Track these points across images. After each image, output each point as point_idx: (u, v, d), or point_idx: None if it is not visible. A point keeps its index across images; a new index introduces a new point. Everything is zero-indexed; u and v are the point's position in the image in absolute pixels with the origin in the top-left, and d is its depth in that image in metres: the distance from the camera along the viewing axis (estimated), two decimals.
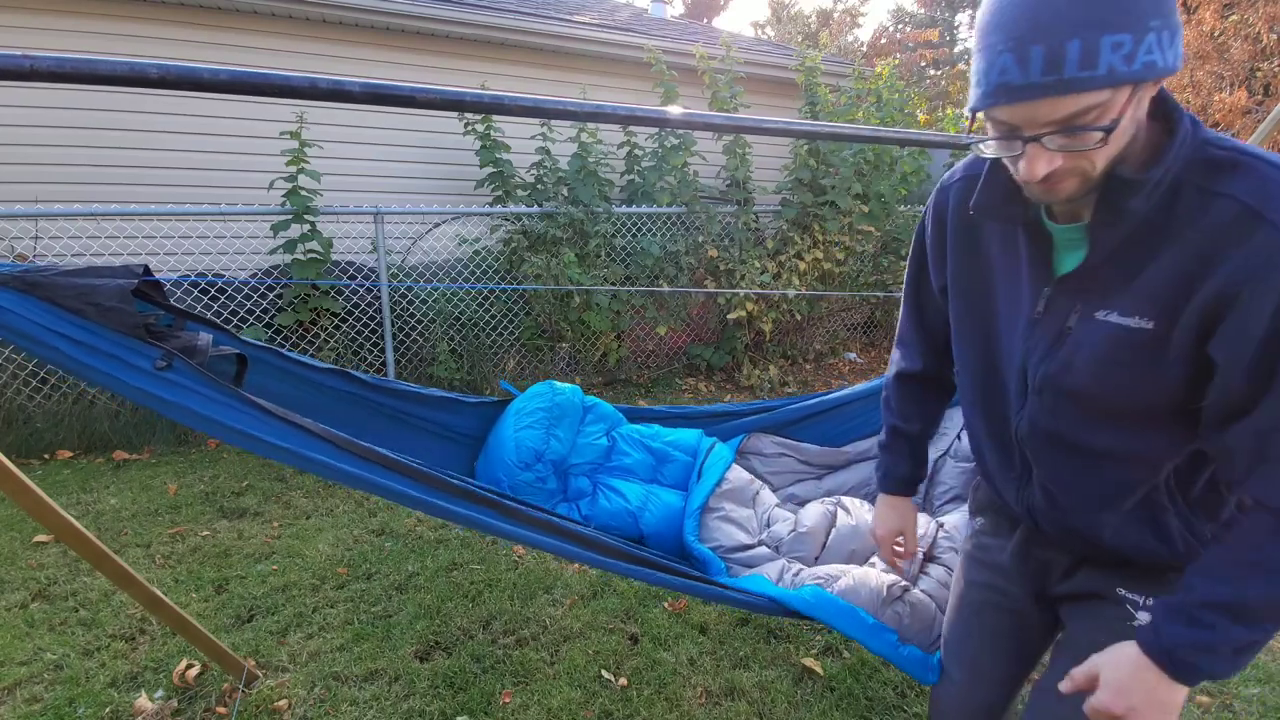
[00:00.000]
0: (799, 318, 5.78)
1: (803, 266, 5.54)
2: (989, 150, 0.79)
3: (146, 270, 1.26)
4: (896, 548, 1.32)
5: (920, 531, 1.76)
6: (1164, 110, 0.77)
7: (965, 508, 1.94)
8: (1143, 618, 0.97)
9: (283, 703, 1.99)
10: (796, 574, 1.73)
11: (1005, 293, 0.93)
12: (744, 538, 1.94)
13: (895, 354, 1.26)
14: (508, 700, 2.04)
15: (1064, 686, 0.90)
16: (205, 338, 1.30)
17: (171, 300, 1.38)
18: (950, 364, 1.14)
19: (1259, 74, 6.68)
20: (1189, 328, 0.77)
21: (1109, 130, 0.70)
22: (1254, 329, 0.72)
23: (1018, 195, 0.84)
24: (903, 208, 6.15)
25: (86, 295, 1.14)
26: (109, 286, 1.17)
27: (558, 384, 2.19)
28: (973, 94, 0.75)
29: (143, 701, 1.97)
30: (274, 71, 0.73)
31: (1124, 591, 0.99)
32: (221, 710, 1.97)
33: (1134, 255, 0.80)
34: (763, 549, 1.92)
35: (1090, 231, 0.81)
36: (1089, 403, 0.88)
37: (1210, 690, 2.21)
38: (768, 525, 2.01)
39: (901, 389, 1.26)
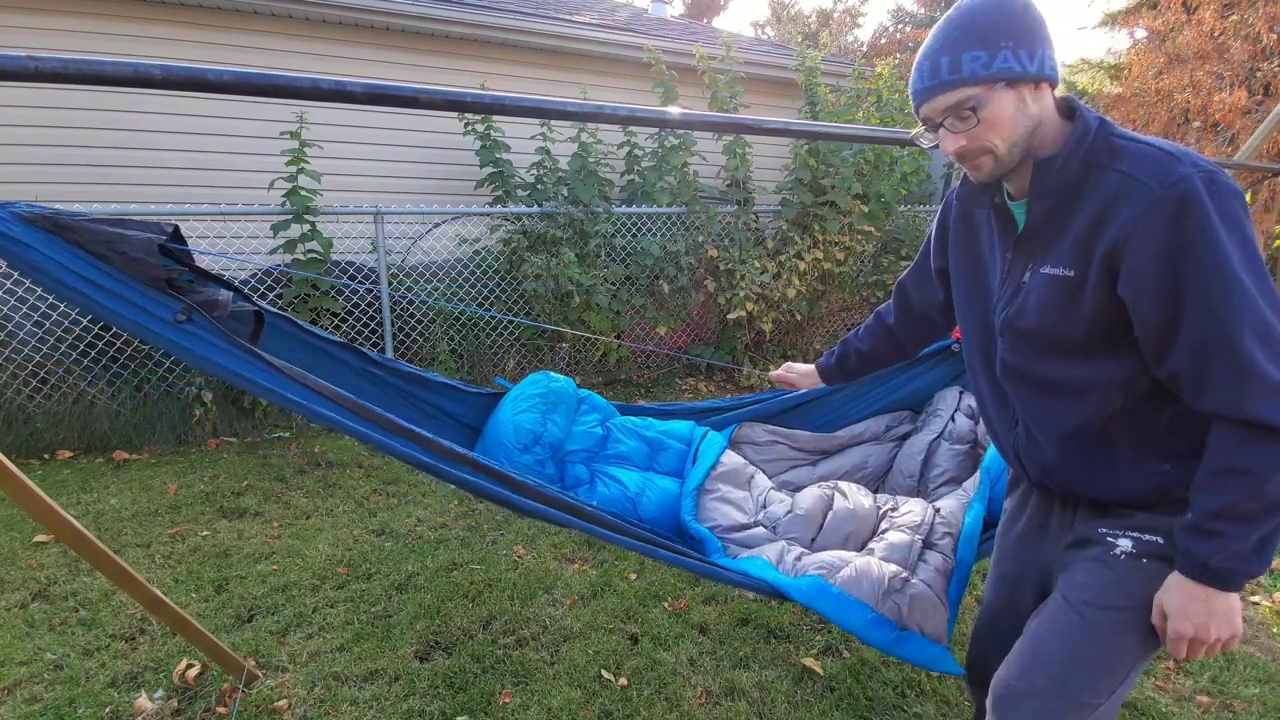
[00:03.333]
0: (799, 318, 5.78)
1: (803, 266, 5.54)
2: (923, 141, 1.09)
3: (176, 230, 1.30)
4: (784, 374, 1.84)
5: (918, 519, 1.84)
6: (1070, 110, 1.04)
7: (959, 490, 1.96)
8: (1123, 545, 1.09)
9: (283, 703, 1.99)
10: (798, 558, 1.74)
11: (991, 264, 1.17)
12: (740, 517, 1.97)
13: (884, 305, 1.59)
14: (508, 700, 2.04)
15: (1172, 650, 1.00)
16: (225, 294, 1.34)
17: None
18: (910, 336, 1.55)
19: (1259, 74, 6.68)
20: (1098, 272, 0.98)
21: (974, 110, 0.98)
22: (1144, 265, 0.93)
23: (986, 185, 1.10)
24: (903, 208, 6.15)
25: (113, 243, 1.18)
26: (137, 238, 1.20)
27: (552, 375, 2.22)
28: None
29: (143, 701, 1.97)
30: (277, 73, 0.73)
31: (1103, 530, 1.12)
32: (221, 710, 1.97)
33: (1059, 220, 1.03)
34: (760, 529, 1.94)
35: (1028, 204, 1.05)
36: (1037, 339, 1.08)
37: (1210, 690, 2.21)
38: (763, 506, 2.04)
39: (871, 322, 1.62)
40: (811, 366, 1.78)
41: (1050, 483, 1.18)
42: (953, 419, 2.24)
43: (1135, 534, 1.08)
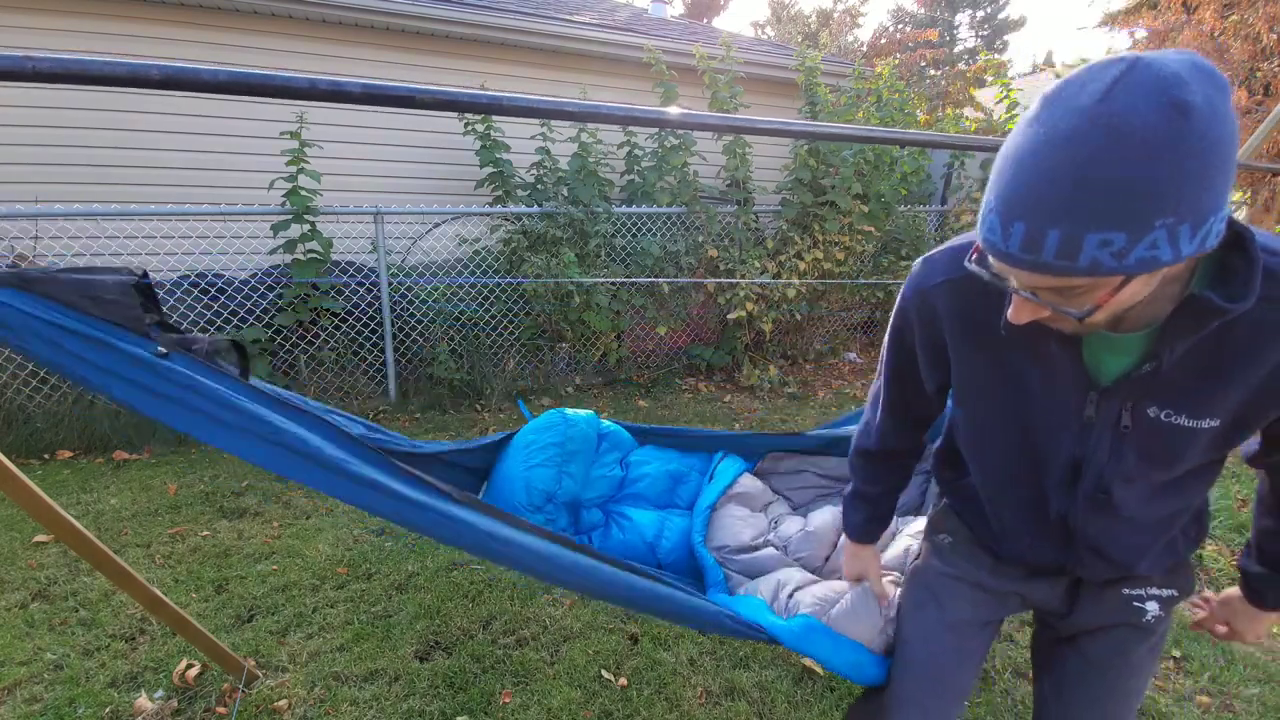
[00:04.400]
0: (799, 318, 5.78)
1: (803, 266, 5.54)
2: (987, 275, 0.77)
3: (145, 275, 1.22)
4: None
5: (895, 551, 1.73)
6: (1232, 232, 0.73)
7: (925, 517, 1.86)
8: (1151, 609, 1.06)
9: (283, 703, 1.99)
10: (791, 595, 1.59)
11: (1039, 389, 0.92)
12: (749, 536, 1.87)
13: (866, 435, 1.24)
14: (508, 700, 2.04)
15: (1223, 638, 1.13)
16: (203, 338, 1.26)
17: (171, 299, 1.36)
18: (922, 435, 1.20)
19: (1259, 74, 6.67)
20: (1258, 418, 0.84)
21: (1081, 318, 0.71)
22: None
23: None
24: (903, 208, 6.15)
25: (84, 289, 1.10)
26: (109, 281, 1.13)
27: (571, 414, 1.99)
28: (981, 225, 0.72)
29: (143, 701, 1.97)
30: (274, 72, 0.73)
31: (1126, 593, 1.06)
32: (221, 710, 1.97)
33: (1197, 362, 0.80)
34: (769, 550, 1.84)
35: (1156, 342, 0.80)
36: (1151, 485, 0.93)
37: (1210, 690, 2.21)
38: (775, 525, 1.95)
39: (871, 464, 1.27)
40: (868, 551, 1.36)
41: (1086, 575, 1.07)
42: None
43: (1156, 592, 1.07)
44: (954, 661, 1.16)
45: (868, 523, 1.31)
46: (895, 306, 1.05)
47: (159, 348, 1.11)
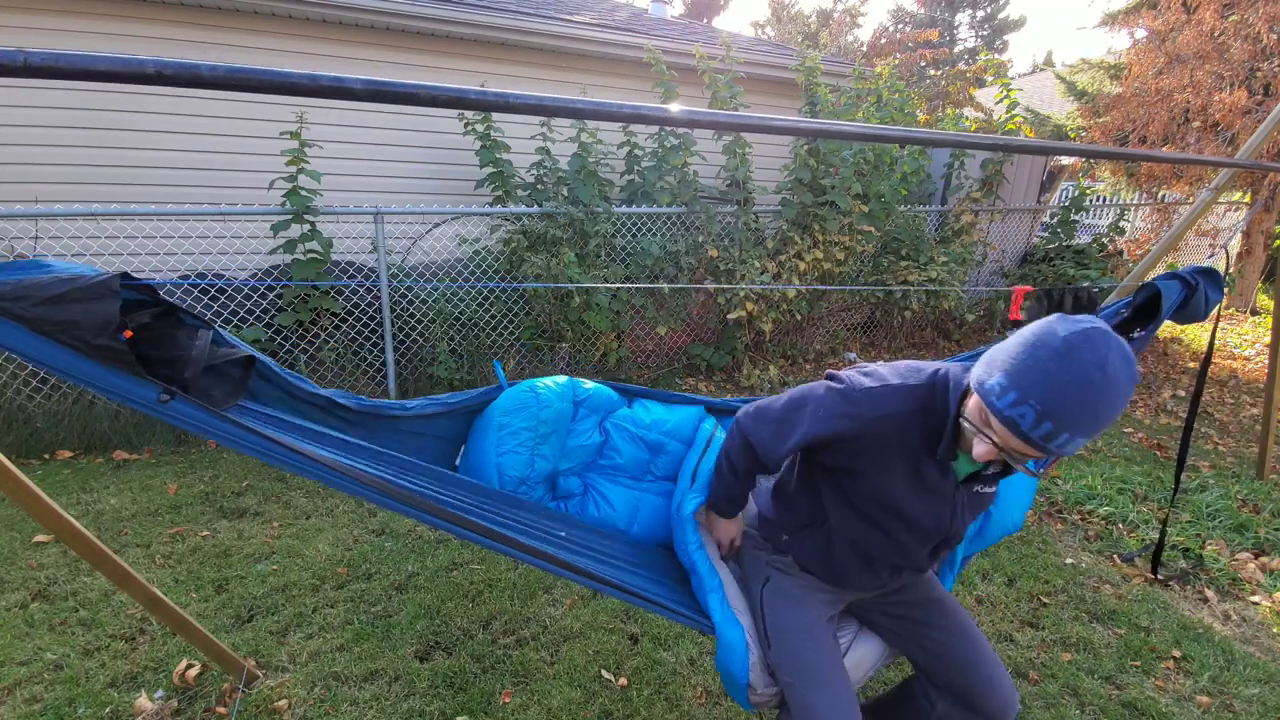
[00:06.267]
0: (799, 318, 5.78)
1: (803, 266, 5.53)
2: (979, 453, 1.14)
3: (125, 275, 1.20)
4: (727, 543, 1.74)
5: None
6: None
7: None
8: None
9: (283, 703, 1.99)
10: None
11: (912, 492, 1.32)
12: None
13: (754, 453, 1.48)
14: (508, 700, 2.03)
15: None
16: (200, 345, 1.26)
17: (171, 300, 1.34)
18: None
19: (1259, 74, 6.67)
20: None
21: (1035, 468, 1.20)
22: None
23: (951, 451, 1.26)
24: (903, 208, 6.15)
25: (70, 330, 1.11)
26: (91, 320, 1.12)
27: (542, 390, 1.86)
28: (1003, 402, 1.05)
29: (143, 701, 1.97)
30: (274, 69, 0.73)
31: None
32: (221, 710, 1.97)
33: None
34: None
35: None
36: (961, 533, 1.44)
37: (1210, 690, 2.20)
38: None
39: (748, 479, 1.57)
40: (738, 520, 1.72)
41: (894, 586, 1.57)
42: None
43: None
44: (833, 644, 1.48)
45: (735, 503, 1.64)
46: (837, 409, 1.31)
47: (161, 394, 1.18)
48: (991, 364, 1.09)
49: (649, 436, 1.98)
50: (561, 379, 1.94)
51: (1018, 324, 2.30)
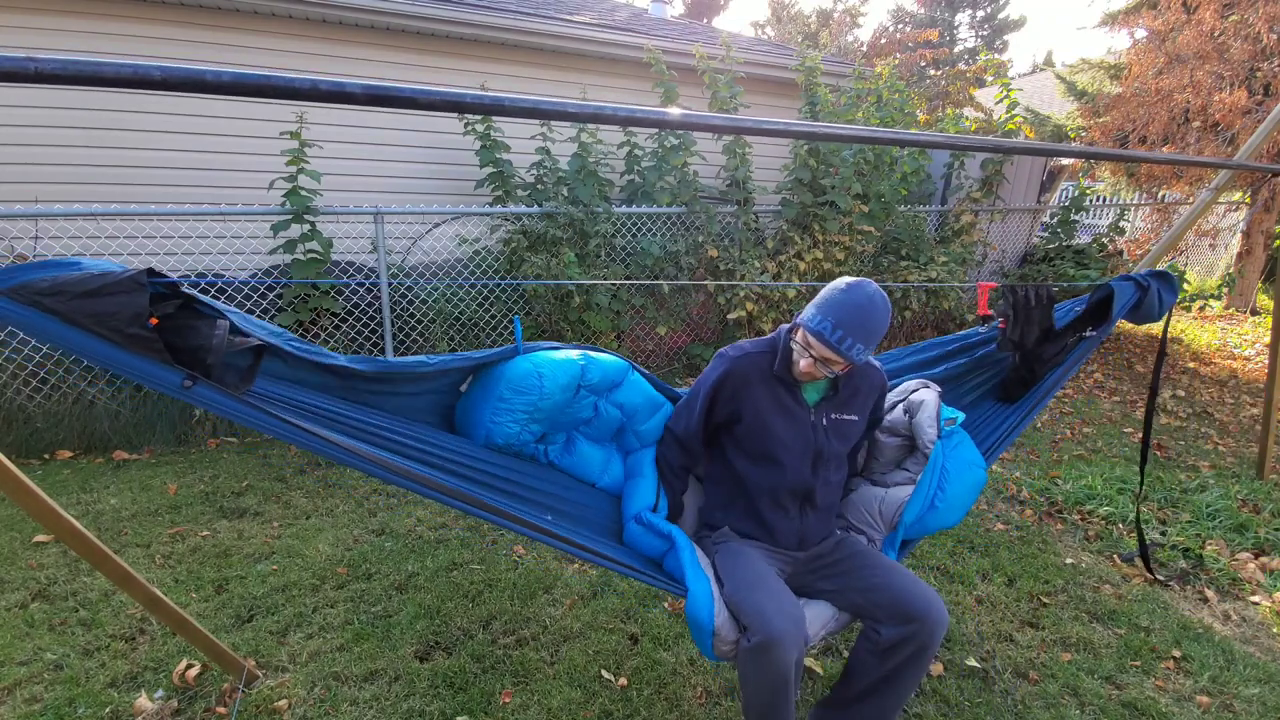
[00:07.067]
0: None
1: (803, 266, 5.54)
2: (803, 366, 1.69)
3: (151, 271, 1.29)
4: None
5: (897, 414, 2.04)
6: None
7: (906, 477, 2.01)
8: (839, 534, 1.90)
9: (283, 703, 1.99)
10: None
11: (777, 415, 1.77)
12: None
13: (679, 442, 1.92)
14: (508, 700, 2.04)
15: None
16: (220, 334, 1.35)
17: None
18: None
19: (1259, 74, 6.67)
20: (871, 419, 1.94)
21: (833, 375, 1.71)
22: (879, 414, 1.96)
23: (787, 370, 1.76)
24: (903, 208, 6.15)
25: (105, 321, 1.23)
26: (123, 312, 1.23)
27: (549, 377, 1.83)
28: (814, 322, 1.64)
29: (143, 701, 1.97)
30: (276, 74, 0.73)
31: (838, 530, 1.93)
32: (221, 710, 1.97)
33: (847, 390, 1.82)
34: None
35: (831, 383, 1.80)
36: (838, 458, 1.83)
37: (1210, 690, 2.21)
38: None
39: (684, 474, 1.97)
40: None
41: (812, 535, 1.86)
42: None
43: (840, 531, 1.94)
44: (779, 580, 1.69)
45: (679, 507, 1.98)
46: (715, 366, 1.83)
47: (184, 380, 1.30)
48: (811, 306, 1.67)
49: (624, 420, 2.04)
50: (575, 356, 1.90)
51: (986, 319, 2.34)
